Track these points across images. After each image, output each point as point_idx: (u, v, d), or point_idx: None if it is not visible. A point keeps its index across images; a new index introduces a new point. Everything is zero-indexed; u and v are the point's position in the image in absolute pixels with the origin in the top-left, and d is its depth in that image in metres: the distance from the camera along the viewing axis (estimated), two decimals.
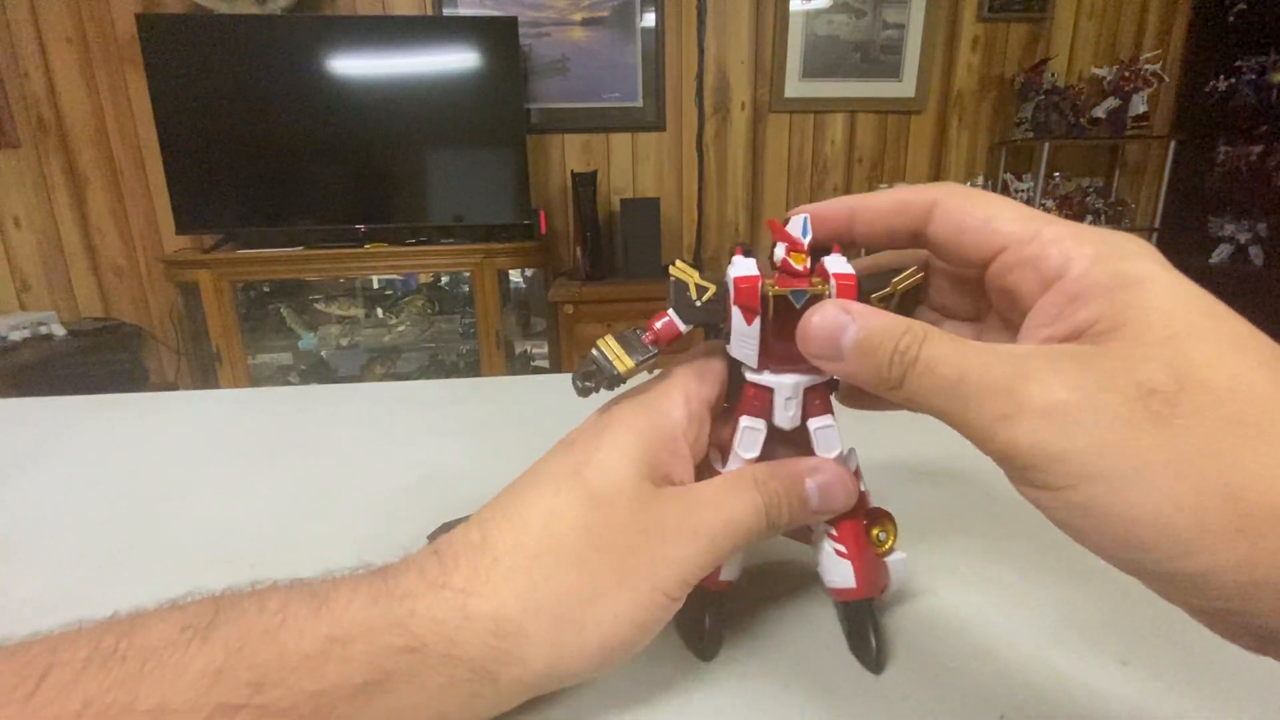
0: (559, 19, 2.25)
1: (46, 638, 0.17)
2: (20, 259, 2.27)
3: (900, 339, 0.17)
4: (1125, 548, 0.14)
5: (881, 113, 2.45)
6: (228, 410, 0.52)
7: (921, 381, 0.16)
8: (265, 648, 0.17)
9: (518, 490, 0.22)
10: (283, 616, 0.18)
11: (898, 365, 0.17)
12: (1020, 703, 0.22)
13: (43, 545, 0.33)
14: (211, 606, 0.18)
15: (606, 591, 0.20)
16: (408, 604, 0.19)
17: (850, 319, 0.18)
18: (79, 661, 0.16)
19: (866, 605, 0.24)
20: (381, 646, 0.18)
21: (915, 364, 0.16)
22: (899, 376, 0.17)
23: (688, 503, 0.21)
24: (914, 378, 0.16)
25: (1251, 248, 2.33)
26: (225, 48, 2.00)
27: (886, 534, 0.24)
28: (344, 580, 0.20)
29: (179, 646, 0.17)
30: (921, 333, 0.17)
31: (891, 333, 0.17)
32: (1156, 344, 0.14)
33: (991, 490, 0.36)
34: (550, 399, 0.53)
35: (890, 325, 0.17)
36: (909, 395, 0.17)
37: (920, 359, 0.16)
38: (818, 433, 0.23)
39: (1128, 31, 2.43)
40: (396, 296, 2.34)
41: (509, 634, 0.19)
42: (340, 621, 0.18)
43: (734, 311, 0.21)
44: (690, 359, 0.24)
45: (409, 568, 0.20)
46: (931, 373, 0.16)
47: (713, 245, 2.52)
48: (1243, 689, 0.22)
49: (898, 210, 0.20)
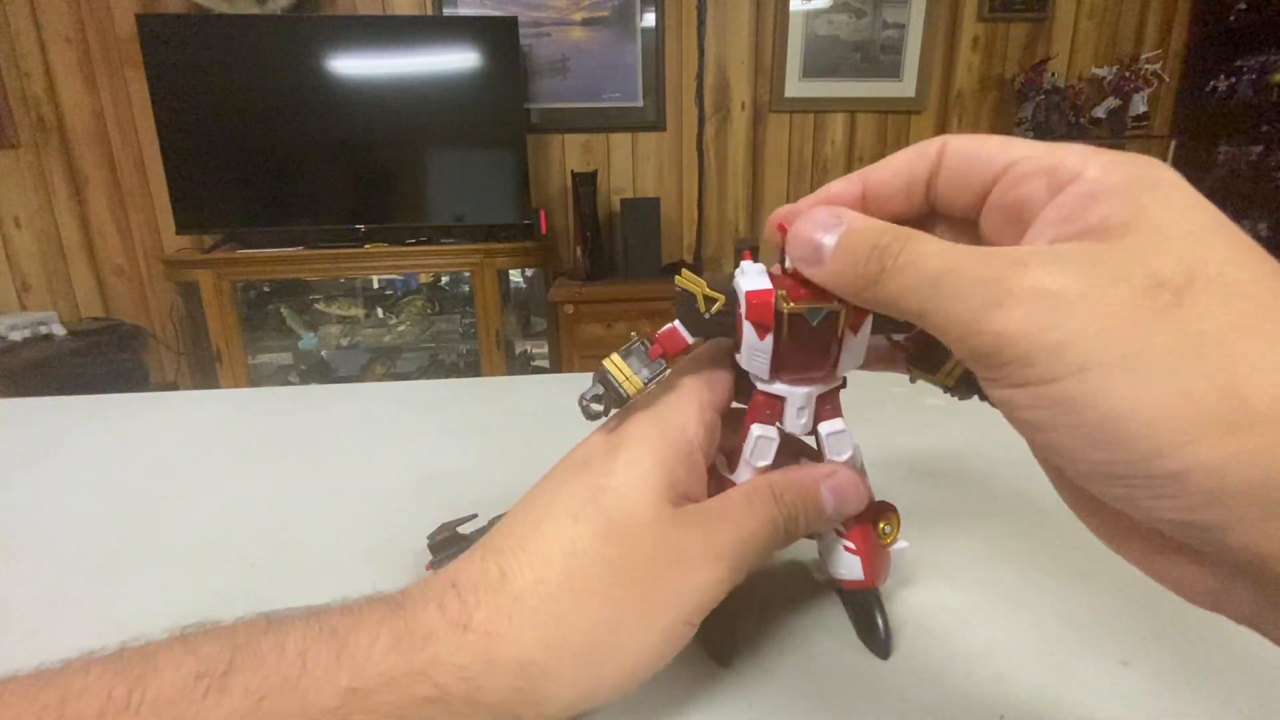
0: (559, 19, 2.25)
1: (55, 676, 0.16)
2: (20, 259, 2.27)
3: (881, 235, 0.16)
4: (1102, 446, 0.13)
5: (882, 113, 2.45)
6: (228, 410, 0.52)
7: (902, 277, 0.16)
8: (286, 700, 0.17)
9: (534, 517, 0.21)
10: (303, 662, 0.17)
11: (874, 261, 0.16)
12: (1020, 703, 0.22)
13: (43, 545, 0.33)
14: (228, 648, 0.17)
15: (629, 625, 0.19)
16: (430, 649, 0.18)
17: (837, 220, 0.18)
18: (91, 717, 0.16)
19: (872, 593, 0.24)
20: (405, 697, 0.18)
21: (897, 259, 0.16)
22: (875, 272, 0.16)
23: (708, 524, 0.21)
24: (893, 273, 0.16)
25: None
26: (225, 48, 2.00)
27: (891, 526, 0.25)
28: (363, 616, 0.19)
29: (195, 698, 0.16)
30: (905, 233, 0.16)
31: (872, 230, 0.17)
32: (1173, 239, 0.13)
33: (991, 490, 0.36)
34: (550, 399, 0.53)
35: (872, 225, 0.17)
36: (886, 293, 0.16)
37: (903, 255, 0.16)
38: (829, 437, 0.23)
39: (1128, 31, 2.43)
40: (396, 296, 2.34)
41: (533, 676, 0.19)
42: (363, 670, 0.18)
43: (746, 325, 0.21)
44: (698, 364, 0.24)
45: (427, 601, 0.20)
46: (914, 266, 0.16)
47: (713, 245, 2.52)
48: (1242, 689, 0.22)
49: (913, 159, 0.20)
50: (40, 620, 0.28)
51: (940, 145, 0.19)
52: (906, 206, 0.20)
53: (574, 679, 0.19)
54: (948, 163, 0.19)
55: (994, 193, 0.18)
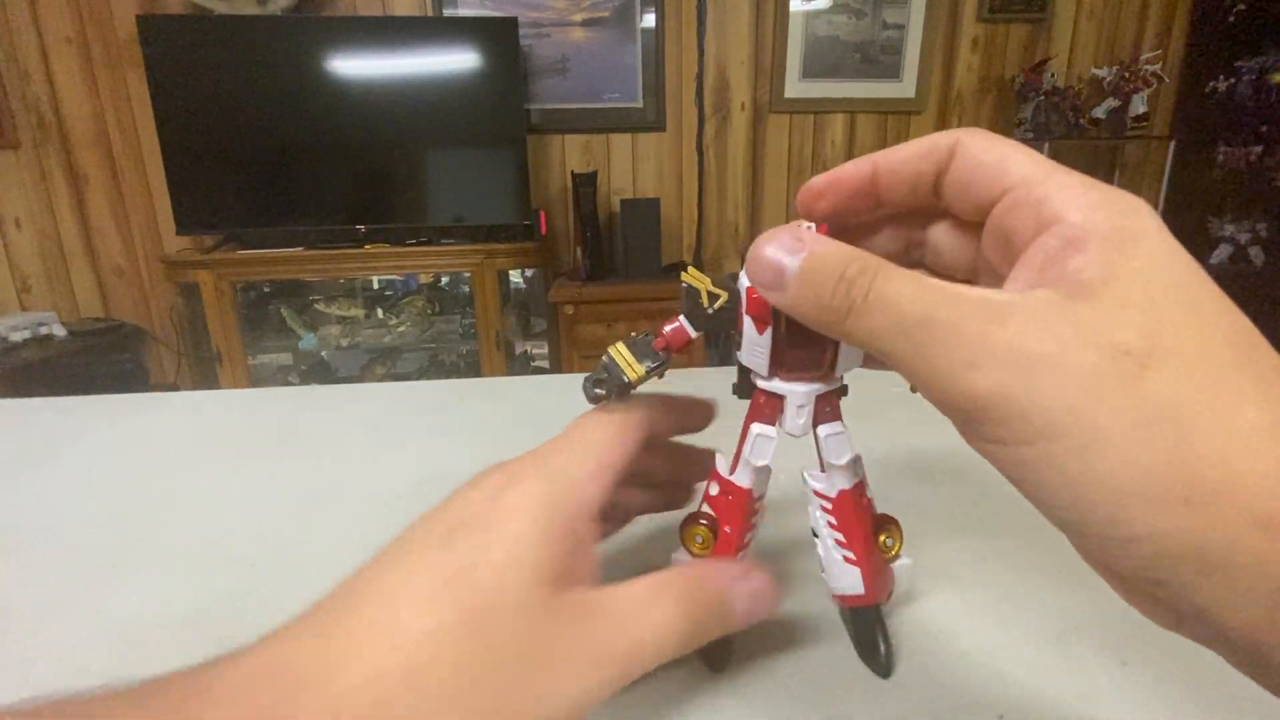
0: (559, 19, 2.25)
1: None
2: (21, 259, 2.27)
3: (848, 267, 0.16)
4: (1069, 507, 0.14)
5: (881, 113, 2.45)
6: (228, 411, 0.52)
7: (874, 318, 0.15)
8: None
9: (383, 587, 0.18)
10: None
11: (842, 296, 0.16)
12: (1020, 703, 0.22)
13: (44, 545, 0.33)
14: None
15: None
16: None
17: (800, 245, 0.17)
18: None
19: (874, 610, 0.24)
20: None
21: (866, 296, 0.15)
22: (843, 307, 0.16)
23: (591, 622, 0.18)
24: (865, 311, 0.15)
25: (1251, 248, 2.33)
26: (225, 48, 2.00)
27: (893, 540, 0.24)
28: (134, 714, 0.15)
29: None
30: (874, 265, 0.16)
31: (838, 259, 0.16)
32: (1136, 306, 0.14)
33: (991, 491, 0.36)
34: (550, 399, 0.53)
35: (837, 252, 0.16)
36: (857, 331, 0.16)
37: (874, 292, 0.15)
38: (828, 439, 0.23)
39: (1128, 32, 2.43)
40: (396, 297, 2.34)
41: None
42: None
43: (745, 320, 0.21)
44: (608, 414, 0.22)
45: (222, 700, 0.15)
46: (888, 309, 0.15)
47: (713, 245, 2.52)
48: (1242, 689, 0.22)
49: (924, 152, 0.19)
50: (40, 620, 0.28)
51: (951, 145, 0.18)
52: (913, 199, 0.20)
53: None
54: (956, 166, 0.18)
55: (993, 214, 0.18)
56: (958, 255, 0.21)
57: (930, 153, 0.19)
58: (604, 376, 0.22)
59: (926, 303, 0.15)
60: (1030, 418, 0.14)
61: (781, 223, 0.22)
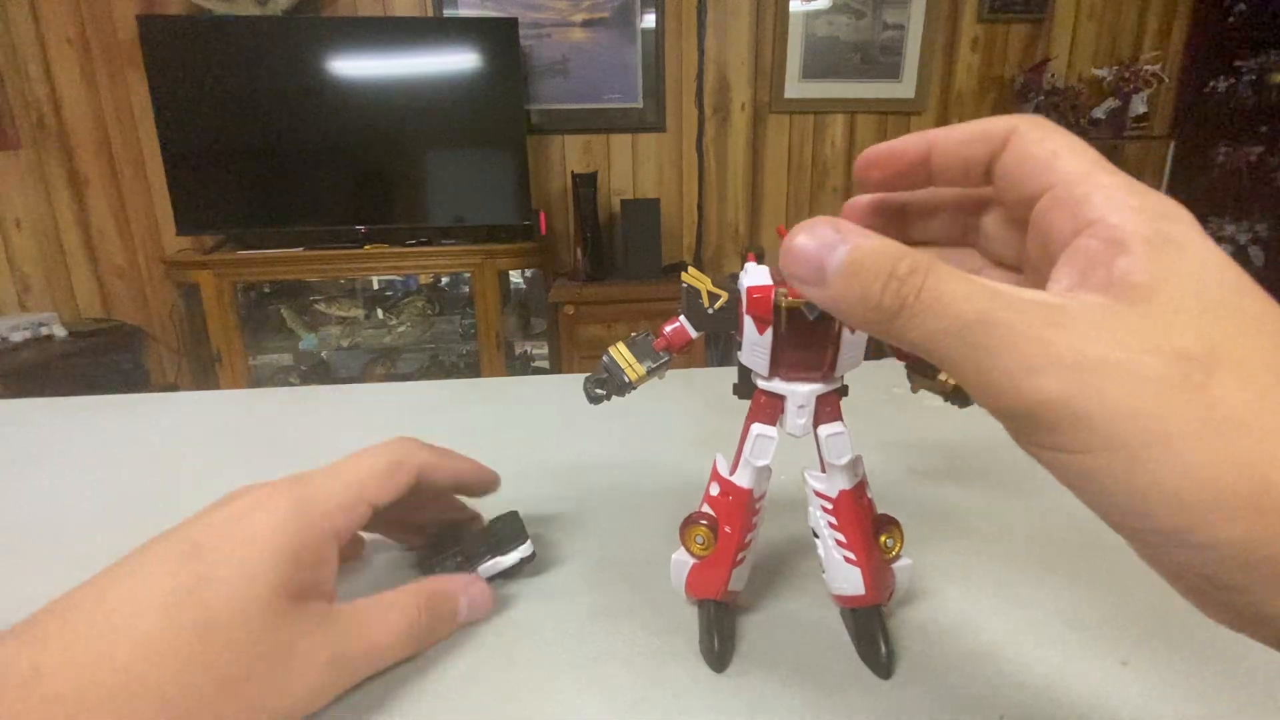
0: (559, 20, 2.25)
1: None
2: (21, 260, 2.27)
3: (898, 263, 0.15)
4: (1135, 514, 0.13)
5: (881, 113, 2.45)
6: (228, 411, 0.52)
7: (927, 318, 0.14)
8: None
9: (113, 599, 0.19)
10: None
11: (893, 294, 0.15)
12: (1020, 703, 0.22)
13: (43, 545, 0.33)
14: None
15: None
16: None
17: (840, 237, 0.16)
18: None
19: (874, 611, 0.24)
20: None
21: (919, 295, 0.15)
22: (893, 306, 0.15)
23: (333, 629, 0.20)
24: (918, 311, 0.15)
25: (1251, 248, 2.33)
26: (226, 49, 2.00)
27: (894, 541, 0.24)
28: None
29: None
30: (926, 262, 0.15)
31: (887, 255, 0.15)
32: (1190, 311, 0.14)
33: (991, 491, 0.36)
34: (550, 400, 0.53)
35: (884, 247, 0.15)
36: (908, 331, 0.15)
37: (926, 291, 0.14)
38: (828, 440, 0.23)
39: (1128, 32, 2.43)
40: (397, 297, 2.34)
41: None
42: None
43: (746, 320, 0.21)
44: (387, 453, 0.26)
45: None
46: (942, 310, 0.14)
47: (713, 246, 2.52)
48: (1243, 689, 0.22)
49: (977, 137, 0.18)
50: None
51: (1006, 133, 0.18)
52: (964, 180, 0.19)
53: None
54: (1007, 156, 0.18)
55: (1035, 209, 0.17)
56: (1007, 246, 0.20)
57: (984, 138, 0.18)
58: (605, 376, 0.22)
59: (982, 304, 0.14)
60: (1095, 424, 0.13)
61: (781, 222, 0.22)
